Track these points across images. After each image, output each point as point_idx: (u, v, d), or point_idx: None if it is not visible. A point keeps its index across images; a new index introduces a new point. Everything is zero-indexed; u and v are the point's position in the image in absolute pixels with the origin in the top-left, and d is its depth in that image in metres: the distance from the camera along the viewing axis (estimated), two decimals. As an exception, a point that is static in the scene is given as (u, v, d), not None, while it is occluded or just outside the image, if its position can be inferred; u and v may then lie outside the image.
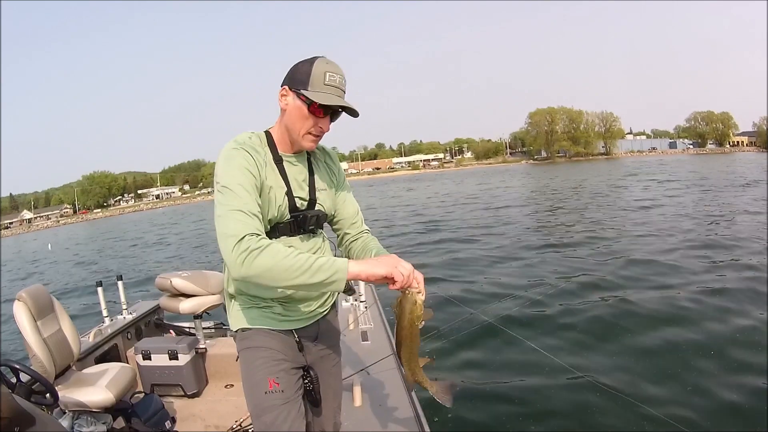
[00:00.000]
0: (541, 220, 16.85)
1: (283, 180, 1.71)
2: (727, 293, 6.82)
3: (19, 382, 2.69)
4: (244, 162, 1.58)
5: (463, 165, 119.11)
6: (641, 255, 9.67)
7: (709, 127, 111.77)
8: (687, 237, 11.31)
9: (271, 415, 1.70)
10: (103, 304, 4.32)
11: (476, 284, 8.63)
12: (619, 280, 7.99)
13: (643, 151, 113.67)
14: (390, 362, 3.25)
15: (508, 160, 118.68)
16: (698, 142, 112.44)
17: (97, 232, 44.60)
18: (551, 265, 9.58)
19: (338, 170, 1.95)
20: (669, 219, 14.43)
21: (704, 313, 6.14)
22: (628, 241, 11.44)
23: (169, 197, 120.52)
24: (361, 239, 1.94)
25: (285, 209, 1.71)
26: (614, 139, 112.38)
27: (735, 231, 11.56)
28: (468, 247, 12.54)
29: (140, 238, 29.68)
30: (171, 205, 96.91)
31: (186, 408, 3.57)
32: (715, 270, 8.17)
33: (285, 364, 1.77)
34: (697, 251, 9.70)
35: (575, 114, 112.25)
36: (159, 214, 64.59)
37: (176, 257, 18.47)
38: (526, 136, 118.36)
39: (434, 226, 17.32)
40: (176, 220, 42.95)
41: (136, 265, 17.49)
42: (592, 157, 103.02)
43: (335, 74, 1.61)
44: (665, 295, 6.94)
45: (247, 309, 1.77)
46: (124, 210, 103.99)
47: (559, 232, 13.68)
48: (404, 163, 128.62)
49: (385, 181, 79.82)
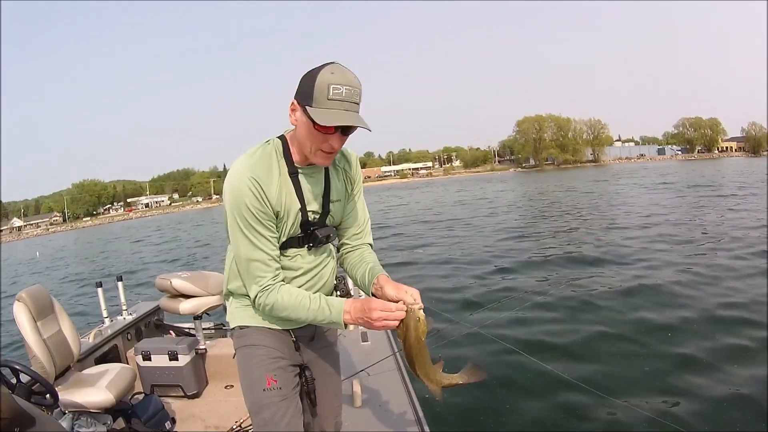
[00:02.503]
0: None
1: (297, 195, 1.66)
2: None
3: (19, 382, 2.68)
4: (253, 201, 1.57)
5: (451, 173, 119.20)
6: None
7: (698, 133, 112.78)
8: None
9: (269, 412, 1.71)
10: (103, 304, 4.31)
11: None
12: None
13: (631, 158, 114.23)
14: (390, 363, 3.26)
15: (497, 168, 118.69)
16: (687, 148, 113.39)
17: (87, 240, 44.40)
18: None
19: (356, 178, 1.86)
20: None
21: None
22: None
23: (159, 206, 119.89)
24: (359, 251, 1.88)
25: (297, 225, 1.69)
26: (602, 146, 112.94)
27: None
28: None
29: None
30: (161, 214, 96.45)
31: (186, 408, 3.56)
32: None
33: (282, 362, 1.78)
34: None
35: (563, 121, 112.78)
36: (149, 222, 64.36)
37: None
38: (514, 143, 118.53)
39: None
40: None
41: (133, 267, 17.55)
42: (580, 165, 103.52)
43: (340, 86, 1.45)
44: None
45: (245, 307, 1.78)
46: (114, 218, 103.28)
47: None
48: (393, 172, 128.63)
49: (375, 189, 79.92)
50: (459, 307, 7.36)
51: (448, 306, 7.40)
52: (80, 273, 20.02)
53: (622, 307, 6.76)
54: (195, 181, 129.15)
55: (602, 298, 7.25)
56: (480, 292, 8.40)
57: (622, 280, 8.19)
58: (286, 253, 1.72)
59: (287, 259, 1.72)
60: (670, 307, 6.61)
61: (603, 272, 8.96)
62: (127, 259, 22.20)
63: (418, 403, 2.73)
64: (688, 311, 6.37)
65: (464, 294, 8.29)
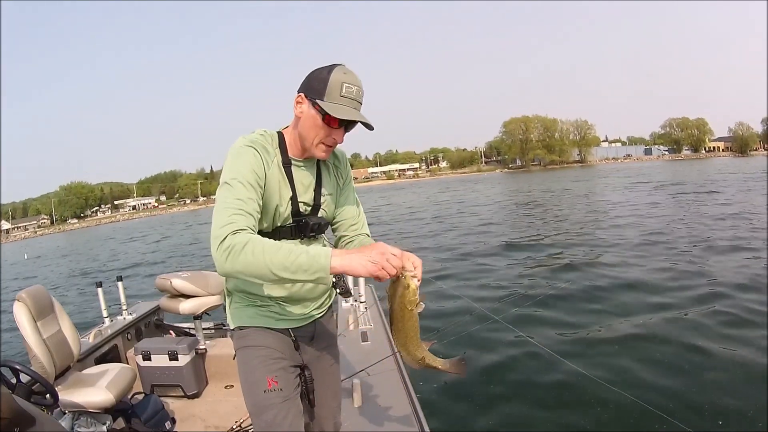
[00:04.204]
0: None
1: (289, 184, 1.70)
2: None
3: (19, 382, 2.67)
4: (250, 159, 1.59)
5: (438, 174, 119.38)
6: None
7: (685, 133, 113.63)
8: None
9: (270, 414, 1.70)
10: (103, 304, 4.29)
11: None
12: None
13: (618, 158, 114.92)
14: (390, 363, 3.26)
15: (483, 169, 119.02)
16: (674, 148, 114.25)
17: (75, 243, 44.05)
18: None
19: (346, 173, 1.92)
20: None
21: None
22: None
23: (146, 208, 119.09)
24: (358, 240, 1.90)
25: (288, 213, 1.71)
26: (589, 146, 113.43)
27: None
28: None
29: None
30: (147, 216, 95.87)
31: (186, 408, 3.56)
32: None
33: (283, 363, 1.77)
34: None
35: (550, 122, 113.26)
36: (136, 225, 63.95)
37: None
38: (501, 144, 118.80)
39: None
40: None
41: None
42: (566, 165, 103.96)
43: (352, 85, 1.58)
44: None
45: (244, 307, 1.78)
46: (101, 221, 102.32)
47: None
48: (380, 173, 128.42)
49: (362, 191, 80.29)
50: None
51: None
52: (73, 273, 19.96)
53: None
54: (182, 183, 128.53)
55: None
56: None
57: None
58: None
59: None
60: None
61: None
62: (126, 260, 22.10)
63: (418, 403, 2.72)
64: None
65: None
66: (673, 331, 5.60)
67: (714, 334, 5.47)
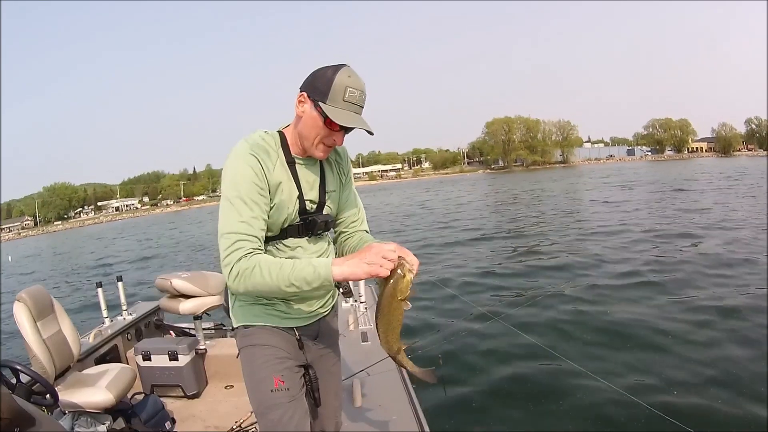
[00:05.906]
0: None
1: (294, 183, 1.71)
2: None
3: (19, 382, 2.67)
4: (249, 173, 1.59)
5: (420, 175, 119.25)
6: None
7: (667, 133, 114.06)
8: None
9: (277, 413, 1.70)
10: (103, 305, 4.28)
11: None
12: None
13: (600, 159, 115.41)
14: (390, 363, 3.26)
15: (465, 170, 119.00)
16: (656, 149, 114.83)
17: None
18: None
19: (347, 169, 1.94)
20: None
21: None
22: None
23: (129, 209, 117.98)
24: (357, 236, 1.91)
25: (295, 212, 1.72)
26: (572, 147, 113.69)
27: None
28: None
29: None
30: (131, 218, 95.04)
31: (186, 409, 3.55)
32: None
33: (289, 362, 1.77)
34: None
35: (532, 123, 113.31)
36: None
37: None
38: (483, 145, 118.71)
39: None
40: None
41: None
42: (549, 166, 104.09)
43: (356, 90, 1.59)
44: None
45: (250, 305, 1.77)
46: (85, 222, 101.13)
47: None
48: (362, 174, 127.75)
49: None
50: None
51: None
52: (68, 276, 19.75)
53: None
54: (165, 184, 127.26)
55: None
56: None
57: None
58: (287, 244, 1.74)
59: (289, 249, 1.74)
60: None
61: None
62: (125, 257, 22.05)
63: (418, 403, 2.74)
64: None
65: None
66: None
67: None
